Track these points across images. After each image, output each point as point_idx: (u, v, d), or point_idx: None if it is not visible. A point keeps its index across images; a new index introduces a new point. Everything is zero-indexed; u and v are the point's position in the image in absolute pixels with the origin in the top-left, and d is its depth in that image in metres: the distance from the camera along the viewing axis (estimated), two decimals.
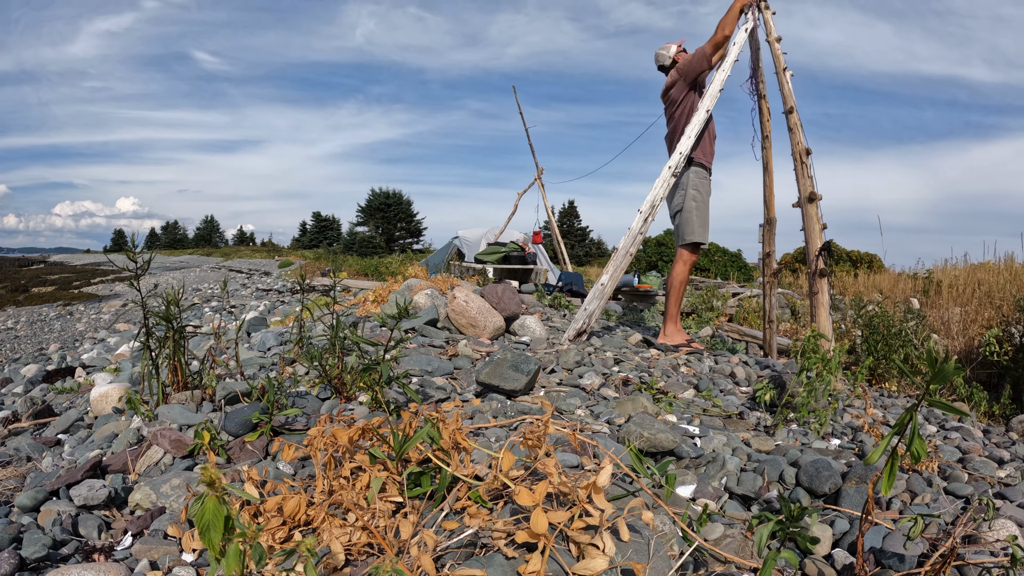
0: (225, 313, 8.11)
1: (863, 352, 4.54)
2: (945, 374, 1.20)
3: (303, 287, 3.52)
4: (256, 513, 1.60)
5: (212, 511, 1.04)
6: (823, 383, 2.68)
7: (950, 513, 1.89)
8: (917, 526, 1.50)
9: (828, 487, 1.97)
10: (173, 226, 70.47)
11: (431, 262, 13.19)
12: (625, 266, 4.45)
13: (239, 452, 2.20)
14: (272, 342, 4.22)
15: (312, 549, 1.18)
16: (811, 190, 4.43)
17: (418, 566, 1.27)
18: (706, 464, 2.15)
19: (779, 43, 4.68)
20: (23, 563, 1.66)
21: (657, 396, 3.05)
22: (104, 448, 2.53)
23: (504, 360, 2.80)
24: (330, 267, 14.42)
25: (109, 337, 7.41)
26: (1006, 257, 9.16)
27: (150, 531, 1.75)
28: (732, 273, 17.35)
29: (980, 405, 3.86)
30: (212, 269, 26.42)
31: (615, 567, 1.33)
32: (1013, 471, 2.31)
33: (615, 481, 1.76)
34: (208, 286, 16.03)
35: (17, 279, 25.16)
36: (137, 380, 3.31)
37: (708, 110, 4.54)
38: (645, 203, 4.42)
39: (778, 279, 5.03)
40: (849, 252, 16.02)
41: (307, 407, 2.57)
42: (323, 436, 1.74)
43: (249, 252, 43.75)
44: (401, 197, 43.06)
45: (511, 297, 4.48)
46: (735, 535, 1.68)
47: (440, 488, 1.60)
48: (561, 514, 1.37)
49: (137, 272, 2.72)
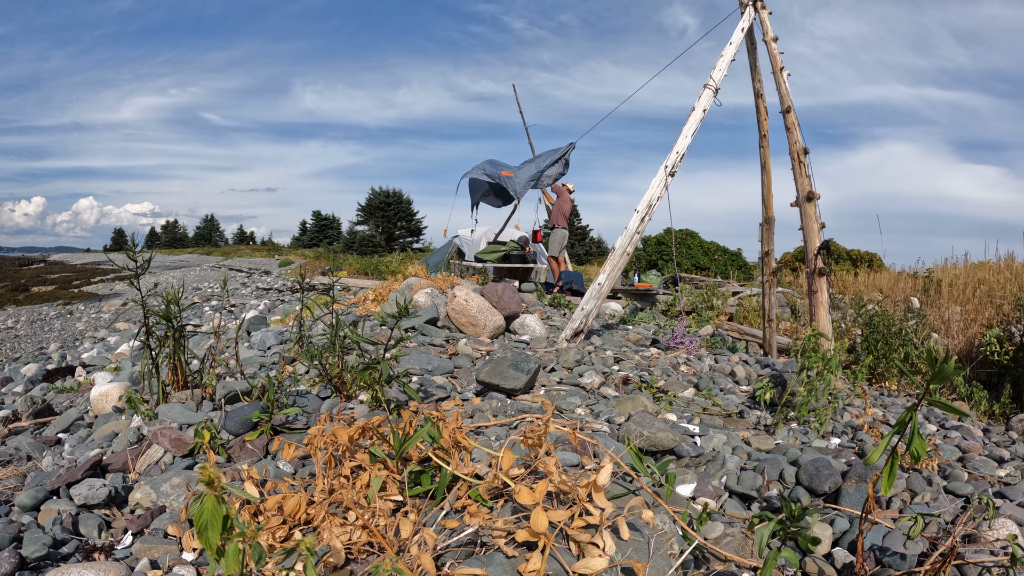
0: (225, 312, 8.10)
1: (863, 351, 4.54)
2: (946, 374, 1.20)
3: (303, 286, 3.52)
4: (256, 512, 1.60)
5: (211, 510, 1.04)
6: (823, 382, 2.68)
7: (950, 512, 1.89)
8: (917, 525, 1.50)
9: (828, 486, 1.97)
10: (173, 225, 70.39)
11: (431, 261, 13.17)
12: (623, 265, 4.45)
13: (239, 451, 2.20)
14: (272, 341, 4.21)
15: (312, 548, 1.18)
16: (809, 189, 4.43)
17: (418, 565, 1.27)
18: (706, 463, 2.15)
19: (776, 43, 4.68)
20: (23, 562, 1.66)
21: (657, 395, 3.05)
22: (104, 447, 2.53)
23: (504, 359, 2.79)
24: (329, 267, 14.38)
25: (109, 336, 7.40)
26: (1006, 256, 9.17)
27: (150, 530, 1.75)
28: (732, 272, 17.34)
29: (980, 404, 3.86)
30: (212, 268, 26.39)
31: (615, 566, 1.33)
32: (1013, 470, 2.31)
33: (615, 480, 1.76)
34: (208, 285, 16.02)
35: (17, 278, 25.16)
36: (137, 379, 3.31)
37: (705, 109, 4.54)
38: (642, 203, 4.42)
39: (777, 278, 5.03)
40: (849, 251, 16.00)
41: (307, 406, 2.57)
42: (323, 435, 1.74)
43: (249, 251, 43.72)
44: (401, 196, 43.01)
45: (511, 296, 4.48)
46: (735, 534, 1.68)
47: (440, 487, 1.60)
48: (561, 513, 1.37)
49: (137, 271, 2.72)
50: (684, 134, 4.47)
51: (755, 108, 4.96)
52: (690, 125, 4.48)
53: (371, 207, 42.92)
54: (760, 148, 4.89)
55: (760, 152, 4.89)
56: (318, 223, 50.67)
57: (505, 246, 9.83)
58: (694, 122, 4.49)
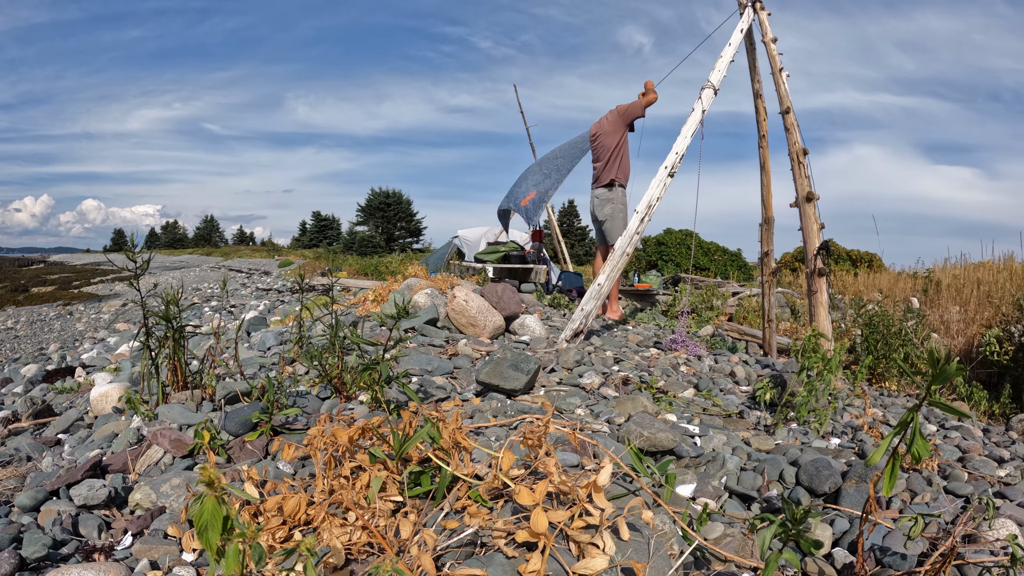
0: (225, 313, 8.10)
1: (863, 351, 4.54)
2: (946, 374, 1.20)
3: (302, 287, 3.52)
4: (256, 513, 1.60)
5: (211, 511, 1.04)
6: (823, 382, 2.68)
7: (950, 512, 1.89)
8: (917, 525, 1.50)
9: (828, 486, 1.98)
10: (173, 225, 70.29)
11: (431, 261, 13.17)
12: (622, 266, 4.45)
13: (239, 452, 2.20)
14: (272, 342, 4.21)
15: (312, 548, 1.18)
16: (808, 190, 4.43)
17: (418, 565, 1.27)
18: (706, 463, 2.15)
19: (775, 44, 4.69)
20: (23, 563, 1.66)
21: (657, 395, 3.05)
22: (104, 448, 2.53)
23: (504, 359, 2.80)
24: (328, 268, 14.38)
25: (109, 337, 7.39)
26: (1006, 256, 9.18)
27: (150, 531, 1.75)
28: (732, 272, 17.35)
29: (980, 404, 3.87)
30: (212, 268, 26.37)
31: (615, 566, 1.33)
32: (1013, 470, 2.31)
33: (615, 480, 1.76)
34: (208, 285, 16.00)
35: (17, 279, 25.13)
36: (137, 380, 3.30)
37: (704, 109, 4.54)
38: (642, 203, 4.42)
39: (777, 278, 5.04)
40: (849, 251, 16.01)
41: (307, 407, 2.57)
42: (323, 436, 1.74)
43: (249, 252, 43.71)
44: (401, 197, 42.99)
45: (511, 296, 4.48)
46: (735, 534, 1.68)
47: (440, 487, 1.60)
48: (561, 513, 1.37)
49: (136, 272, 2.72)
50: (683, 134, 4.47)
51: (754, 109, 4.96)
52: (689, 125, 4.48)
53: (371, 207, 42.87)
54: (759, 148, 4.89)
55: (759, 152, 4.89)
56: (318, 223, 50.60)
57: (505, 246, 9.84)
58: (693, 122, 4.49)
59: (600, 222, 5.96)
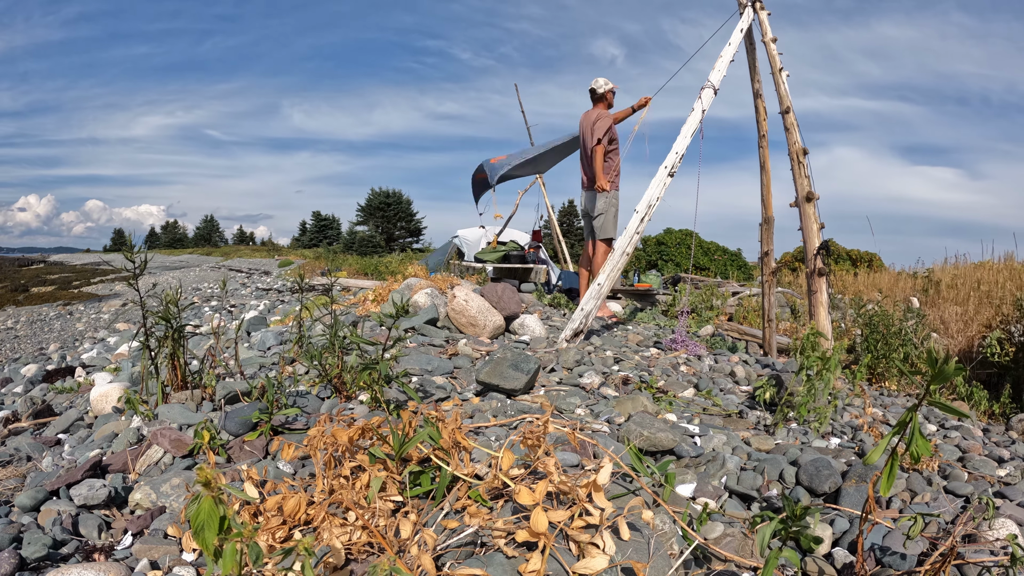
0: (225, 312, 8.09)
1: (863, 351, 4.54)
2: (946, 374, 1.20)
3: (302, 286, 3.52)
4: (256, 512, 1.60)
5: (207, 511, 1.04)
6: (823, 382, 2.68)
7: (950, 512, 1.89)
8: (917, 525, 1.50)
9: (828, 486, 1.98)
10: (173, 225, 70.30)
11: (431, 261, 13.16)
12: (622, 266, 4.45)
13: (239, 451, 2.20)
14: (272, 341, 4.21)
15: (311, 548, 1.18)
16: (808, 190, 4.43)
17: (418, 565, 1.27)
18: (706, 463, 2.15)
19: (775, 43, 4.68)
20: (23, 563, 1.66)
21: (657, 395, 3.05)
22: (104, 448, 2.53)
23: (504, 359, 2.79)
24: (327, 267, 14.37)
25: (109, 337, 7.39)
26: (1005, 256, 9.18)
27: (150, 531, 1.75)
28: (732, 272, 17.33)
29: (980, 404, 3.86)
30: (212, 268, 26.37)
31: (615, 566, 1.33)
32: (1013, 470, 2.31)
33: (615, 480, 1.76)
34: (208, 285, 16.00)
35: (17, 279, 25.13)
36: (137, 380, 3.30)
37: (704, 109, 4.54)
38: (641, 203, 4.42)
39: (777, 278, 5.04)
40: (849, 251, 16.01)
41: (307, 406, 2.57)
42: (323, 435, 1.74)
43: (249, 251, 43.73)
44: (401, 196, 42.98)
45: (511, 296, 4.48)
46: (735, 534, 1.68)
47: (440, 487, 1.60)
48: (561, 513, 1.37)
49: (136, 272, 2.72)
50: (683, 134, 4.47)
51: (754, 108, 4.96)
52: (689, 125, 4.48)
53: (371, 207, 42.85)
54: (759, 148, 4.89)
55: (759, 152, 4.89)
56: (318, 223, 50.57)
57: (505, 246, 9.83)
58: (693, 122, 4.49)
59: (592, 217, 6.00)
